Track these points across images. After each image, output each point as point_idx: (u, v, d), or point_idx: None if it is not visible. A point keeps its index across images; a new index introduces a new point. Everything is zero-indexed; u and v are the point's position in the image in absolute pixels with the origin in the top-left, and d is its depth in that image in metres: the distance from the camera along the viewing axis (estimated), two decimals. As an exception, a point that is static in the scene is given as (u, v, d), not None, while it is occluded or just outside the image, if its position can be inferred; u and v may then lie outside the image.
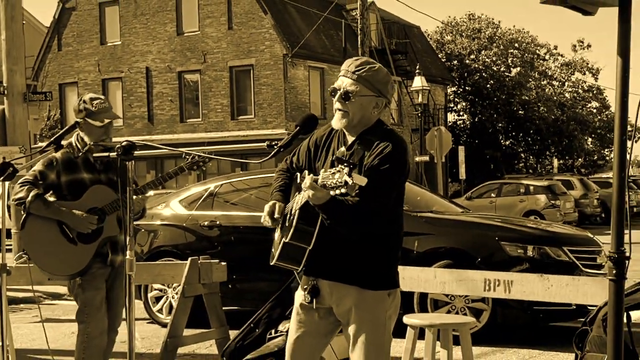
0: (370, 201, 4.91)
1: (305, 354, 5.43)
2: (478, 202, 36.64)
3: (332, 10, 45.72)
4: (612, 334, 4.22)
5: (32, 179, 7.14)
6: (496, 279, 7.93)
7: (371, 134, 5.21)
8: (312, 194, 4.75)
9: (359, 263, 5.16)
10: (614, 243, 4.23)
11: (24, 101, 18.64)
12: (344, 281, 5.18)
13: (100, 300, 7.27)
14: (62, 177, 7.20)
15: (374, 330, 5.18)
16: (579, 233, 12.38)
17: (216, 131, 49.53)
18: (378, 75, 5.24)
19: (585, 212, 40.94)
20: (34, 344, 11.53)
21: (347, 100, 5.16)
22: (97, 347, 7.28)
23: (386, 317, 5.23)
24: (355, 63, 5.23)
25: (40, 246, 7.30)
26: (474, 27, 70.30)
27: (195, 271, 9.59)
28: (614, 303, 4.22)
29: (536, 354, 10.18)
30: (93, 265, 7.18)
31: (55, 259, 7.28)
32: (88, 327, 7.24)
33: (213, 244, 12.29)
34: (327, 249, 5.12)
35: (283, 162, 5.63)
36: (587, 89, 74.94)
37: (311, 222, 5.01)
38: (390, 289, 5.26)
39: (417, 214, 11.71)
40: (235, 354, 8.87)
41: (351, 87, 5.16)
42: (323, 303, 5.31)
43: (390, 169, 5.03)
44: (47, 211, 7.12)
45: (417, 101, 44.45)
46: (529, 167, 73.88)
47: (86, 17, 54.38)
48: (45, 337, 7.66)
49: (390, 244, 5.29)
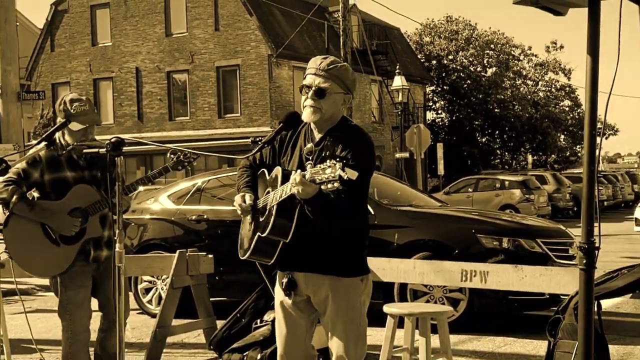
0: (351, 193, 4.93)
1: (297, 347, 5.45)
2: (456, 197, 36.69)
3: (315, 12, 45.69)
4: (582, 321, 4.24)
5: (15, 177, 6.93)
6: (473, 269, 7.95)
7: (338, 130, 5.25)
8: (302, 189, 4.72)
9: (332, 253, 5.19)
10: (584, 234, 4.25)
11: (17, 100, 18.61)
12: (318, 271, 5.22)
13: (83, 298, 7.12)
14: (45, 175, 7.00)
15: (351, 316, 5.22)
16: (551, 226, 12.42)
17: (204, 129, 49.55)
18: (347, 72, 5.28)
19: (558, 206, 41.07)
20: (26, 334, 11.48)
21: (321, 97, 5.17)
22: (81, 342, 7.19)
23: (361, 302, 5.28)
24: (325, 61, 5.24)
25: (23, 246, 7.13)
26: (451, 29, 70.38)
27: (184, 263, 9.58)
28: (584, 291, 4.24)
29: (511, 341, 10.20)
30: (75, 263, 7.01)
31: (37, 260, 7.13)
32: (71, 325, 7.14)
33: (200, 237, 12.29)
34: (300, 242, 5.13)
35: (244, 159, 5.62)
36: (559, 88, 75.26)
37: (289, 217, 5.02)
38: (362, 275, 5.30)
39: (397, 208, 11.74)
40: (222, 343, 8.87)
41: (324, 84, 5.17)
42: (301, 295, 5.34)
43: (365, 163, 5.08)
44: (30, 213, 6.93)
45: (397, 100, 44.43)
46: (505, 163, 74.04)
47: (78, 19, 54.34)
48: (29, 329, 7.60)
49: (360, 233, 5.33)
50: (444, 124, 70.01)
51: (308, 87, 5.21)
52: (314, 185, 4.66)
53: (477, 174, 46.62)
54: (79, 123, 6.95)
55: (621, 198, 51.99)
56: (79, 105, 6.97)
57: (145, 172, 44.63)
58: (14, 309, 13.97)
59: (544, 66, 74.33)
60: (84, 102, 7.04)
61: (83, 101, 7.05)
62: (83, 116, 6.96)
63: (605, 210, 45.82)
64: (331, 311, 5.24)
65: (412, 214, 11.73)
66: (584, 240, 4.23)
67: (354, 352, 5.25)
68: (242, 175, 5.55)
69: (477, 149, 68.25)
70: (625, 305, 12.60)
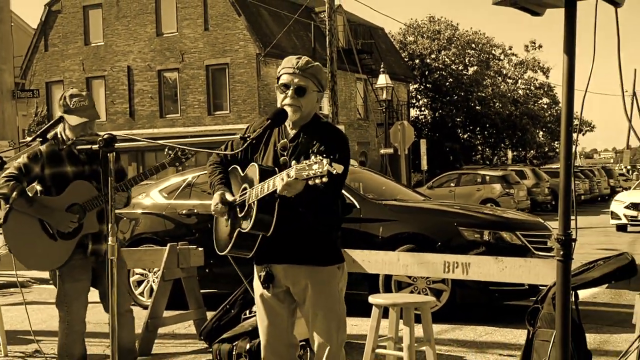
0: (335, 187, 4.98)
1: (280, 337, 5.46)
2: (438, 191, 36.73)
3: (302, 12, 45.66)
4: (560, 310, 4.25)
5: (16, 172, 6.94)
6: (455, 261, 7.97)
7: (312, 127, 5.30)
8: (289, 188, 4.75)
9: (310, 244, 5.22)
10: (561, 227, 4.26)
11: (12, 98, 18.61)
12: (297, 262, 5.24)
13: (80, 291, 7.11)
14: (46, 169, 7.00)
15: (330, 303, 5.26)
16: (531, 219, 12.45)
17: (194, 126, 49.53)
18: (321, 71, 5.34)
19: (537, 200, 41.14)
20: (23, 325, 11.47)
21: (301, 96, 5.21)
22: (77, 333, 7.18)
23: (338, 289, 5.32)
24: (301, 61, 5.28)
25: (22, 241, 7.13)
26: (434, 29, 70.41)
27: (174, 256, 9.59)
28: (561, 281, 4.25)
29: (492, 331, 10.23)
30: (73, 257, 7.00)
31: (35, 254, 7.13)
32: (68, 316, 7.14)
33: (191, 230, 12.28)
34: (278, 235, 5.13)
35: (214, 155, 5.63)
36: (538, 86, 75.40)
37: (270, 211, 5.03)
38: (339, 263, 5.35)
39: (382, 202, 11.75)
40: (212, 334, 8.87)
41: (303, 82, 5.22)
42: (280, 286, 5.35)
43: (345, 157, 5.12)
44: (29, 209, 6.94)
45: (382, 98, 44.50)
46: (486, 159, 74.14)
47: (71, 19, 54.24)
48: (29, 320, 7.59)
49: (335, 223, 5.37)
50: (427, 121, 70.05)
51: (286, 86, 5.24)
52: (302, 182, 4.68)
53: (459, 169, 46.62)
54: (77, 118, 6.93)
55: (597, 192, 52.12)
56: (78, 101, 6.98)
57: (138, 169, 44.71)
58: (9, 300, 13.95)
59: (523, 65, 74.48)
60: (83, 97, 7.05)
61: (82, 97, 7.05)
62: (82, 111, 6.96)
63: (582, 204, 45.93)
64: (311, 300, 5.26)
65: (396, 207, 11.73)
66: (561, 232, 4.25)
67: (336, 338, 5.27)
68: (213, 172, 5.56)
69: (459, 145, 68.32)
70: (601, 295, 12.64)
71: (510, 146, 73.90)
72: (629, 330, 8.58)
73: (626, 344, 8.85)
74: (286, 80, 5.24)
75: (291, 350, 5.53)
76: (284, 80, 5.25)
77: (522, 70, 74.69)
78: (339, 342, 5.28)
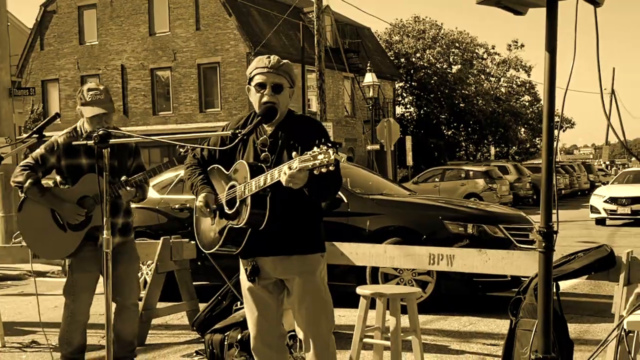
0: (337, 172, 4.91)
1: (270, 327, 5.45)
2: (424, 186, 36.73)
3: (291, 12, 45.70)
4: (542, 301, 4.27)
5: (32, 162, 7.01)
6: (440, 253, 7.97)
7: (288, 121, 5.30)
8: (293, 179, 4.70)
9: (296, 234, 5.23)
10: (543, 220, 4.28)
11: (9, 96, 18.55)
12: (285, 253, 5.23)
13: (88, 282, 7.12)
14: (62, 160, 7.04)
15: (318, 289, 5.28)
16: (513, 212, 12.46)
17: (186, 123, 49.53)
18: (292, 68, 5.36)
19: (519, 194, 41.17)
20: (20, 317, 11.48)
21: (278, 93, 5.21)
22: (79, 323, 7.20)
23: (322, 276, 5.32)
24: (273, 59, 5.28)
25: (34, 229, 7.17)
26: (419, 29, 70.43)
27: (167, 249, 9.59)
28: (543, 273, 4.27)
29: (475, 321, 10.25)
30: (83, 248, 7.01)
31: (45, 243, 7.17)
32: (72, 305, 7.16)
33: (183, 224, 12.26)
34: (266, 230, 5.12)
35: (190, 157, 5.62)
36: (520, 84, 75.53)
37: (263, 206, 5.03)
38: (323, 252, 5.37)
39: (369, 197, 11.75)
40: (204, 324, 8.87)
41: (278, 80, 5.22)
42: (268, 278, 5.33)
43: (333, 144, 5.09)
44: (41, 198, 6.98)
45: (368, 95, 44.53)
46: (469, 155, 74.26)
47: (66, 19, 54.17)
48: (38, 311, 7.59)
49: (318, 214, 5.39)
50: (412, 118, 70.12)
51: (262, 85, 5.22)
52: (305, 172, 4.66)
53: (444, 165, 46.71)
54: (90, 110, 6.99)
55: (577, 187, 52.22)
56: (95, 94, 7.03)
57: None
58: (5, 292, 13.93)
59: (505, 63, 74.55)
60: (100, 91, 7.09)
61: (99, 90, 7.10)
62: (98, 104, 7.01)
63: (563, 198, 46.06)
64: (299, 288, 5.25)
65: (383, 202, 11.74)
66: (543, 225, 4.26)
67: (325, 324, 5.29)
68: (193, 173, 5.54)
69: (443, 141, 68.41)
70: (581, 286, 12.68)
71: (493, 142, 74.03)
72: (609, 320, 8.61)
73: (605, 333, 8.87)
74: (261, 79, 5.22)
75: (280, 340, 5.52)
76: (259, 79, 5.23)
77: (504, 68, 74.79)
78: (327, 328, 5.29)
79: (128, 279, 7.38)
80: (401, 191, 13.35)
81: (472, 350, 8.54)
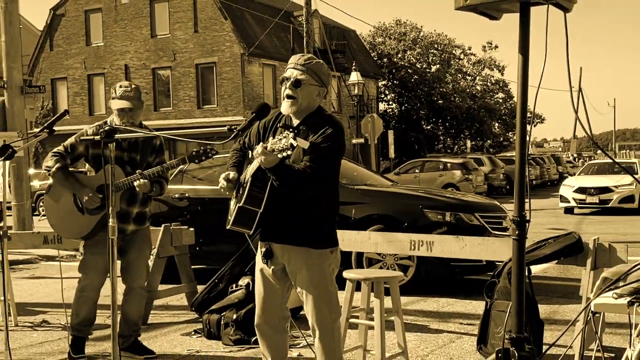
0: (313, 169, 4.95)
1: (273, 310, 5.47)
2: (405, 177, 36.72)
3: (282, 16, 45.68)
4: (515, 284, 4.26)
5: (62, 150, 7.19)
6: (420, 240, 7.97)
7: (314, 118, 5.24)
8: (264, 158, 4.76)
9: (306, 227, 5.19)
10: (516, 209, 4.27)
11: (21, 93, 18.52)
12: (293, 243, 5.22)
13: (99, 263, 7.17)
14: (90, 150, 7.21)
15: (322, 282, 5.24)
16: (488, 202, 12.46)
17: (185, 118, 49.48)
18: (322, 68, 5.29)
19: (493, 185, 41.20)
20: (31, 298, 11.47)
21: (298, 87, 5.16)
22: (87, 297, 7.28)
23: (330, 270, 5.27)
24: (303, 57, 5.28)
25: (57, 210, 7.31)
26: (400, 31, 70.35)
27: (168, 236, 9.59)
28: (516, 258, 4.26)
29: (453, 302, 10.25)
30: (98, 233, 7.08)
31: (65, 223, 7.29)
32: (83, 281, 7.28)
33: (183, 212, 12.25)
34: (278, 216, 5.16)
35: (237, 142, 5.64)
36: (494, 82, 75.46)
37: (262, 188, 5.04)
38: (331, 247, 5.30)
39: (354, 187, 11.74)
40: (202, 305, 8.87)
41: (301, 76, 5.17)
42: (277, 263, 5.33)
43: (331, 146, 5.07)
44: (64, 183, 7.12)
45: (354, 93, 44.49)
46: (447, 148, 74.25)
47: (74, 22, 54.05)
48: (62, 293, 7.59)
49: (330, 211, 5.35)
50: (394, 114, 70.06)
51: (287, 78, 5.22)
52: (274, 154, 4.71)
53: (423, 157, 46.66)
54: (119, 102, 7.13)
55: (547, 178, 52.24)
56: (124, 90, 7.18)
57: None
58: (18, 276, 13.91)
59: (481, 63, 74.52)
60: (130, 89, 7.22)
61: (130, 88, 7.23)
62: (126, 99, 7.15)
63: (534, 188, 46.04)
64: (303, 280, 5.24)
65: (367, 192, 11.73)
66: (516, 214, 4.25)
67: (328, 314, 5.27)
68: (232, 156, 5.60)
69: (423, 135, 68.37)
70: (551, 270, 12.71)
71: (469, 136, 74.06)
72: (576, 301, 8.63)
73: (574, 314, 8.92)
74: (288, 74, 5.23)
75: (282, 321, 5.52)
76: (286, 74, 5.24)
77: (480, 68, 74.74)
78: (331, 318, 5.28)
79: (137, 264, 7.49)
80: (384, 182, 13.35)
81: (450, 330, 8.55)
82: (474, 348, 7.39)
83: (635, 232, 19.60)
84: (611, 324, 7.94)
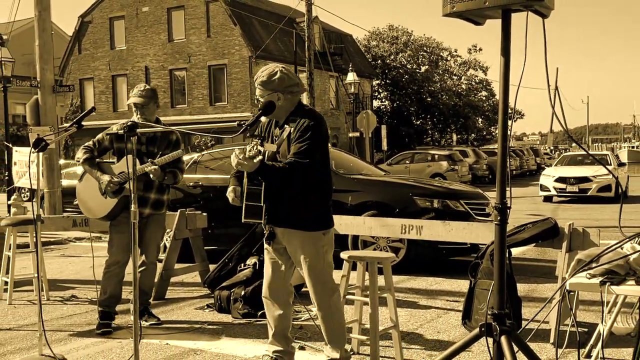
0: (298, 157, 5.12)
1: (279, 283, 5.64)
2: (396, 167, 36.70)
3: (286, 22, 45.66)
4: (497, 264, 4.23)
5: (91, 144, 7.51)
6: (410, 224, 7.94)
7: (295, 115, 5.39)
8: (241, 167, 4.95)
9: (300, 213, 5.35)
10: (498, 196, 4.24)
11: (52, 92, 18.56)
12: (290, 227, 5.40)
13: (121, 240, 7.41)
14: (115, 144, 7.49)
15: (315, 261, 5.40)
16: (472, 190, 12.42)
17: (198, 114, 49.60)
18: (270, 78, 5.38)
19: (477, 174, 41.20)
20: (61, 275, 11.46)
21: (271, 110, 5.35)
22: (112, 273, 7.48)
23: (323, 250, 5.42)
24: (258, 75, 5.43)
25: (85, 194, 7.54)
26: (393, 35, 70.27)
27: (183, 220, 9.57)
28: (498, 242, 4.23)
29: (440, 281, 10.22)
30: (121, 214, 7.36)
31: (91, 205, 7.48)
32: (108, 260, 7.50)
33: (197, 199, 12.23)
34: (277, 204, 5.34)
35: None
36: (478, 82, 75.45)
37: (257, 185, 5.28)
38: (324, 230, 5.44)
39: (350, 176, 11.71)
40: (214, 282, 8.87)
41: (258, 93, 5.43)
42: (279, 243, 5.52)
43: (309, 137, 5.19)
44: (90, 171, 7.45)
45: (350, 91, 44.42)
46: (435, 141, 74.22)
47: (100, 28, 54.22)
48: (93, 271, 7.64)
49: (321, 195, 5.47)
50: (387, 110, 70.01)
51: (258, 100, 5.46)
52: (250, 161, 4.88)
53: (413, 150, 46.63)
54: (132, 98, 7.60)
55: (526, 168, 52.22)
56: (138, 89, 7.67)
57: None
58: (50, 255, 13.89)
59: (466, 64, 74.50)
60: (143, 89, 7.66)
61: (143, 88, 7.69)
62: (138, 97, 7.55)
63: (514, 178, 46.05)
64: (300, 258, 5.42)
65: (362, 181, 11.70)
66: (498, 201, 4.22)
67: (323, 290, 5.45)
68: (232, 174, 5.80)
69: (413, 130, 68.35)
70: (530, 252, 12.68)
71: (455, 130, 74.03)
72: (552, 280, 8.61)
73: (550, 292, 8.89)
74: (257, 94, 5.47)
75: (286, 295, 5.69)
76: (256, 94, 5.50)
77: (465, 68, 74.71)
78: (328, 294, 5.47)
79: (151, 243, 7.80)
80: (377, 172, 13.31)
81: (437, 306, 8.52)
82: (459, 323, 7.37)
83: (606, 217, 19.56)
84: (584, 301, 7.92)
